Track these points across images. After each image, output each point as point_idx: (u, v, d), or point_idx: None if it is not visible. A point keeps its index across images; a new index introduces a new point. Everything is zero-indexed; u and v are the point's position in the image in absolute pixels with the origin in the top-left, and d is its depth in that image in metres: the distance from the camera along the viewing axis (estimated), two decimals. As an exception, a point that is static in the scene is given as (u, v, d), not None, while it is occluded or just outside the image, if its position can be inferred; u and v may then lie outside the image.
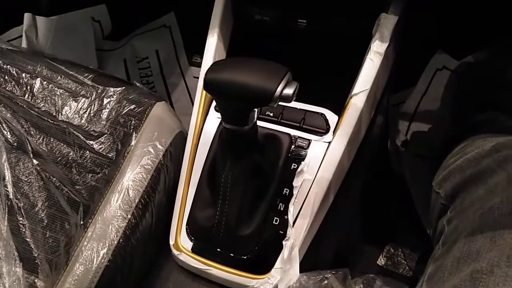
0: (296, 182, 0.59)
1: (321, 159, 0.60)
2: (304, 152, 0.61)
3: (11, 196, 0.58)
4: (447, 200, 0.51)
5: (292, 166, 0.61)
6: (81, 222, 0.58)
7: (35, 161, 0.59)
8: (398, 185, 0.91)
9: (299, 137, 0.62)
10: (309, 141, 0.61)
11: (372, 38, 0.63)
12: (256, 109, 0.51)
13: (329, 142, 0.61)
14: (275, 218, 0.59)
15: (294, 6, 0.68)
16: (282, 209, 0.60)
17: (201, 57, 0.69)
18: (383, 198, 0.93)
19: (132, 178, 0.59)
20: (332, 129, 0.62)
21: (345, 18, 0.66)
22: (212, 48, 0.67)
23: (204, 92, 0.66)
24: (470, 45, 1.04)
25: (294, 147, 0.61)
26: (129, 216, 0.58)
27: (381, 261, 0.91)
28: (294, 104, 0.64)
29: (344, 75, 0.66)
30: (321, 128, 0.62)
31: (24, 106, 0.64)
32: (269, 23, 0.70)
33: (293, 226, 0.58)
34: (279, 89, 0.46)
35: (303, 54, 0.76)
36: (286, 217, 0.59)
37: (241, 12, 0.71)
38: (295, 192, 0.59)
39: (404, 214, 0.89)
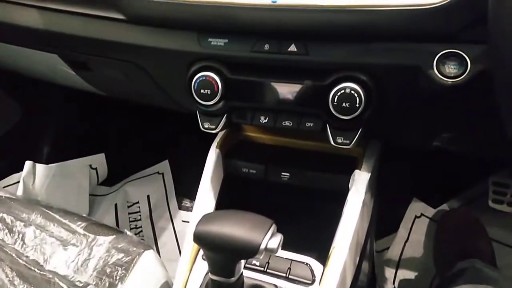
0: (283, 338, 0.57)
1: (309, 312, 0.59)
2: (290, 305, 0.60)
3: None
4: None
5: (279, 321, 0.59)
6: None
7: (13, 315, 0.57)
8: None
9: (285, 288, 0.62)
10: (296, 292, 0.61)
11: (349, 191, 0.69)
12: (243, 261, 0.53)
13: (316, 294, 0.61)
14: None
15: (277, 162, 0.76)
16: None
17: (191, 201, 0.73)
18: None
19: (112, 334, 0.57)
20: (318, 279, 0.63)
21: (323, 174, 0.73)
22: (203, 200, 0.72)
23: (193, 242, 0.68)
24: (443, 192, 1.12)
25: (280, 299, 0.61)
26: None
27: None
28: (279, 252, 0.66)
29: (326, 224, 0.69)
30: (307, 279, 0.63)
31: (13, 254, 0.65)
32: (255, 175, 0.77)
33: None
34: (264, 242, 0.48)
35: (288, 204, 0.81)
36: None
37: (231, 166, 0.78)
38: None
39: None
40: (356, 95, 0.54)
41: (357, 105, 0.55)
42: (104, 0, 0.61)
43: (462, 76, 0.50)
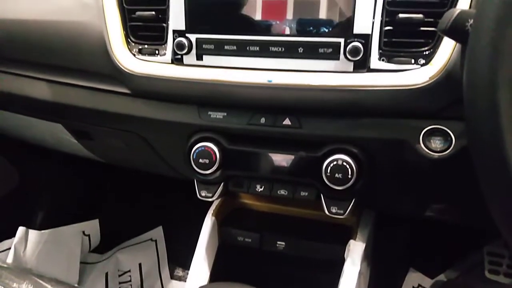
0: None
1: None
2: None
3: None
4: None
5: None
6: None
7: None
8: None
9: None
10: None
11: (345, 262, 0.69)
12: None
13: None
14: None
15: (272, 231, 0.76)
16: None
17: (184, 270, 0.71)
18: None
19: None
20: None
21: (318, 243, 0.73)
22: (198, 269, 0.71)
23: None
24: (440, 262, 1.10)
25: None
26: None
27: None
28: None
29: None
30: None
31: (-1, 327, 0.62)
32: (251, 244, 0.77)
33: None
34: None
35: (284, 273, 0.80)
36: None
37: (226, 234, 0.78)
38: None
39: None
40: (348, 166, 0.57)
41: (349, 176, 0.57)
42: (109, 75, 0.65)
43: (448, 151, 0.53)
